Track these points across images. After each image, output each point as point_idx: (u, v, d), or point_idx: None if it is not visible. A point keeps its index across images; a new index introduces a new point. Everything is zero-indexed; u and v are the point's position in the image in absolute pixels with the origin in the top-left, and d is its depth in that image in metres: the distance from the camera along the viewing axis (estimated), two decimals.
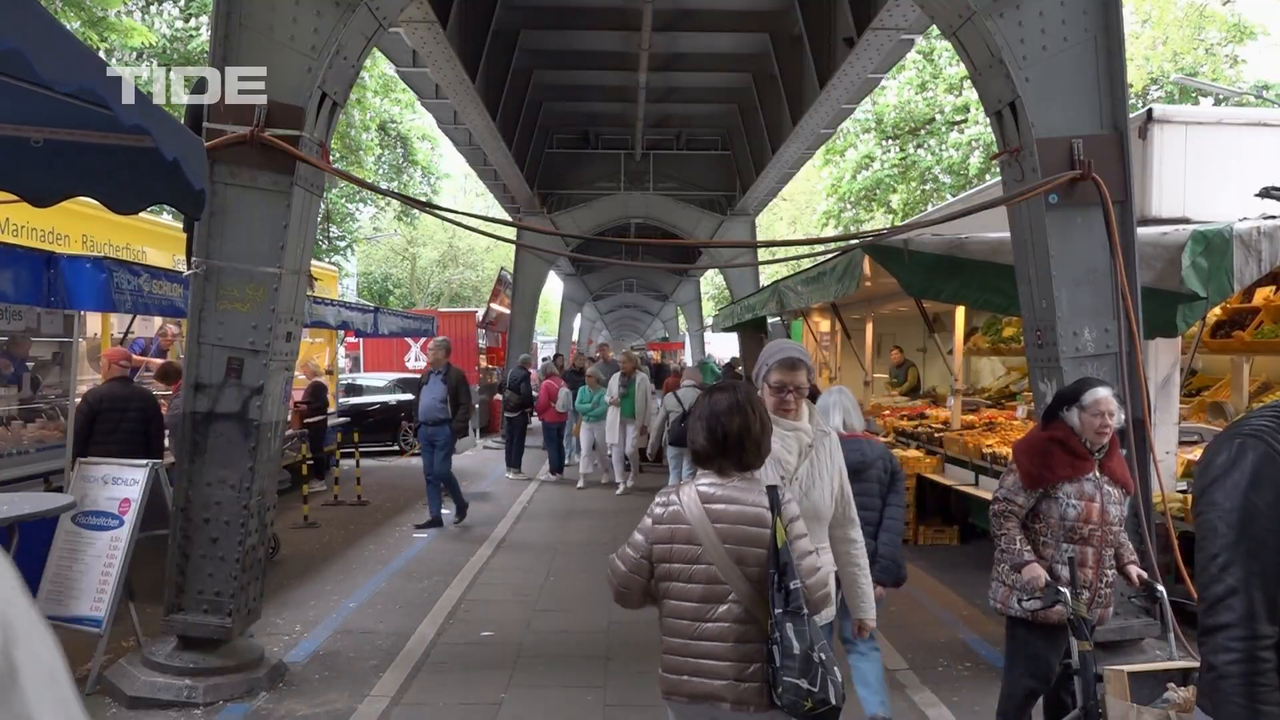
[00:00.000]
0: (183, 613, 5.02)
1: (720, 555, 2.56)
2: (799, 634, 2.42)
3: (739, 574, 2.55)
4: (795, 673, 2.40)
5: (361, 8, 5.08)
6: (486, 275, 44.26)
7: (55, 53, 2.40)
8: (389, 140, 28.70)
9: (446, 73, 12.99)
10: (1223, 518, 1.75)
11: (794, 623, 2.43)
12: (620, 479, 12.42)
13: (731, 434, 2.64)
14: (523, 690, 5.12)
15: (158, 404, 7.21)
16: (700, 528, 2.58)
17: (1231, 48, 24.96)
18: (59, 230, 8.50)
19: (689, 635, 2.61)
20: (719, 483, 2.65)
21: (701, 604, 2.59)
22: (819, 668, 2.41)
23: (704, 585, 2.59)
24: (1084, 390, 3.63)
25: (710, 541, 2.57)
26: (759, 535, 2.54)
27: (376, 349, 20.60)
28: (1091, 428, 3.58)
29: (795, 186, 35.58)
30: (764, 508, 2.56)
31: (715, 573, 2.57)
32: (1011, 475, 3.73)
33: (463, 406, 9.92)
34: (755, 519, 2.56)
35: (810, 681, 2.40)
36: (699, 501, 2.62)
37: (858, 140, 29.76)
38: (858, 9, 11.93)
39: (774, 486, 2.60)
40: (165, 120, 3.19)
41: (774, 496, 2.56)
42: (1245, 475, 1.74)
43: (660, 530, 2.66)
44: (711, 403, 2.71)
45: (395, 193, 24.91)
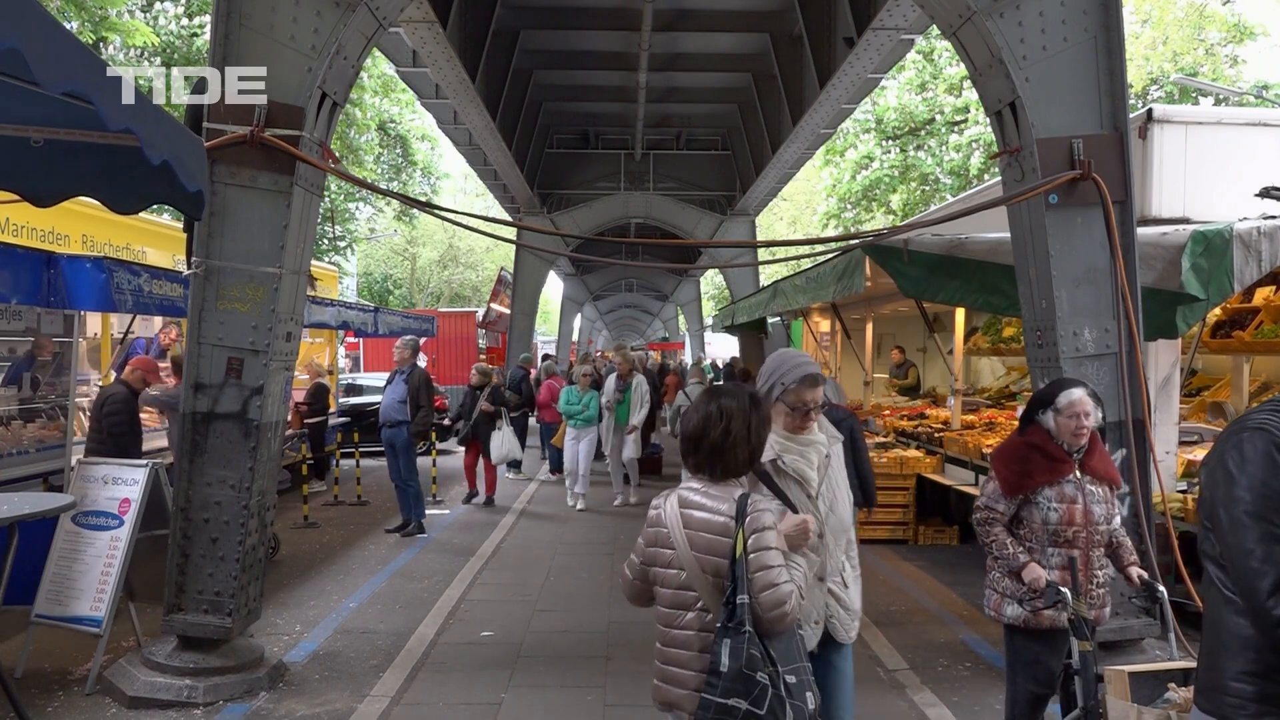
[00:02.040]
0: (183, 613, 5.01)
1: (689, 561, 2.52)
2: (733, 651, 2.33)
3: (707, 582, 2.50)
4: (718, 691, 2.32)
5: (361, 8, 5.08)
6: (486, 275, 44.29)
7: (52, 53, 2.40)
8: (389, 140, 28.70)
9: (446, 73, 13.00)
10: (1249, 512, 1.76)
11: (731, 639, 2.35)
12: (619, 490, 11.40)
13: (711, 441, 2.59)
14: (523, 690, 5.12)
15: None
16: (674, 532, 2.56)
17: (1231, 48, 24.97)
18: (59, 230, 8.50)
19: (662, 641, 2.60)
20: (698, 488, 2.62)
21: (671, 610, 2.57)
22: (766, 689, 2.31)
23: (673, 591, 2.57)
24: (1058, 392, 3.61)
25: (681, 547, 2.54)
26: (722, 545, 2.48)
27: (376, 349, 20.59)
28: (1068, 430, 3.57)
29: (795, 187, 35.60)
30: (729, 517, 2.49)
31: (685, 578, 2.54)
32: (991, 483, 3.72)
33: (423, 409, 9.48)
34: (721, 528, 2.50)
35: (750, 702, 2.30)
36: (678, 506, 2.61)
37: (858, 140, 29.76)
38: (858, 9, 11.94)
39: (745, 495, 2.54)
40: (160, 121, 3.17)
41: (741, 506, 2.50)
42: (1259, 466, 1.78)
43: (648, 533, 2.68)
44: (698, 406, 2.68)
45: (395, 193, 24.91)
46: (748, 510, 2.48)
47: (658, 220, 22.13)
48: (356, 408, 15.13)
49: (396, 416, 9.41)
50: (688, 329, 43.13)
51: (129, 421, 6.89)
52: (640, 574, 2.70)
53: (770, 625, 2.41)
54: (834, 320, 12.84)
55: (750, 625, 2.37)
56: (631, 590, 2.76)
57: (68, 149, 4.04)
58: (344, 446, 12.29)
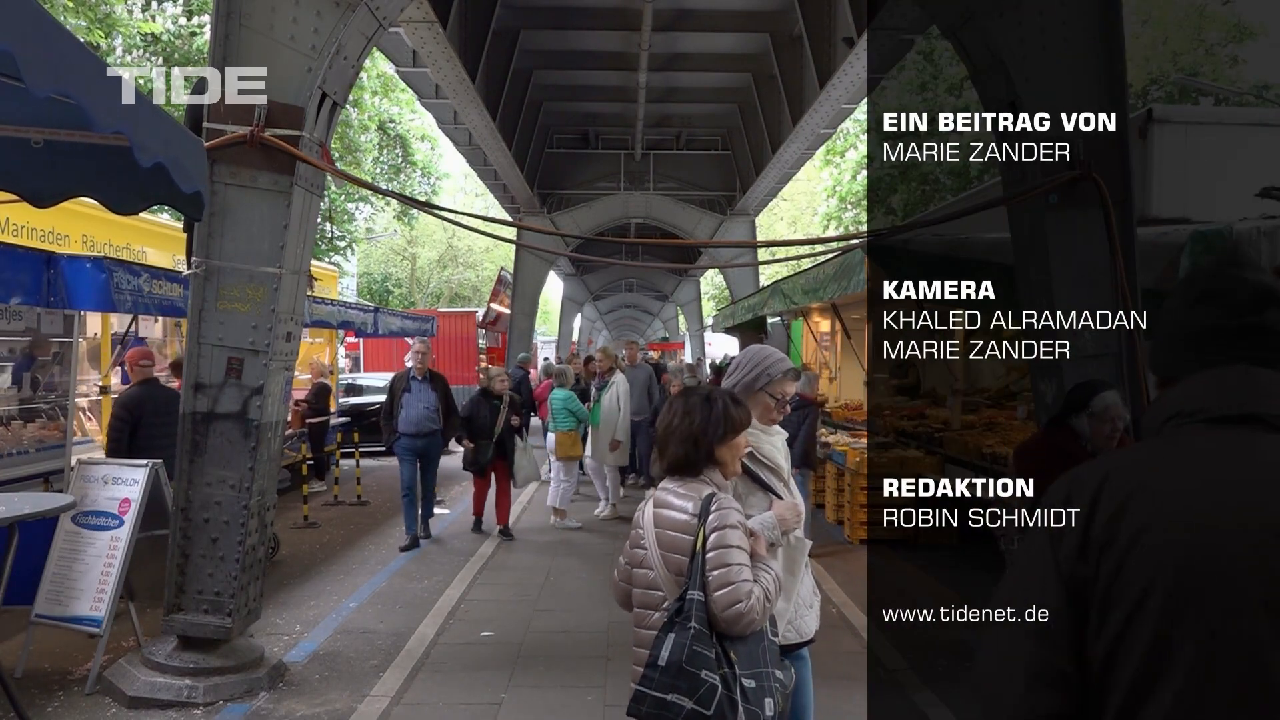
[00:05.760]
0: (183, 613, 5.01)
1: (657, 560, 2.54)
2: (675, 645, 2.32)
3: (671, 580, 2.51)
4: (653, 684, 2.30)
5: (361, 8, 5.08)
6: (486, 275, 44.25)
7: (43, 54, 2.38)
8: (388, 140, 28.68)
9: (446, 73, 13.01)
10: None
11: (676, 633, 2.34)
12: (602, 495, 10.38)
13: (660, 435, 2.69)
14: (523, 690, 5.12)
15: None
16: (647, 531, 2.59)
17: (1231, 48, 24.96)
18: (59, 230, 8.50)
19: (634, 641, 2.59)
20: (670, 487, 2.65)
21: (641, 609, 2.58)
22: (714, 689, 2.27)
23: (643, 590, 2.58)
24: (1091, 396, 3.60)
25: (651, 546, 2.56)
26: (684, 542, 2.50)
27: (376, 349, 20.59)
28: (1102, 434, 3.57)
29: (795, 187, 35.56)
30: (693, 515, 2.51)
31: (653, 577, 2.55)
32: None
33: (454, 416, 8.88)
34: (683, 526, 2.52)
35: (696, 701, 2.26)
36: (651, 505, 2.64)
37: (858, 140, 29.76)
38: (858, 9, 11.94)
39: (712, 494, 2.56)
40: (157, 122, 3.16)
41: (706, 504, 2.52)
42: None
43: (632, 535, 2.70)
44: (665, 410, 2.77)
45: (395, 193, 24.93)
46: (711, 509, 2.50)
47: (658, 220, 22.13)
48: (356, 408, 15.13)
49: (431, 426, 8.67)
50: (688, 329, 43.12)
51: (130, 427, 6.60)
52: (625, 576, 2.72)
53: (726, 625, 2.39)
54: (834, 320, 12.85)
55: (698, 622, 2.35)
56: (619, 593, 2.77)
57: (68, 149, 4.04)
58: (344, 446, 12.28)
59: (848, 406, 12.82)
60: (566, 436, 9.75)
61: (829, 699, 4.51)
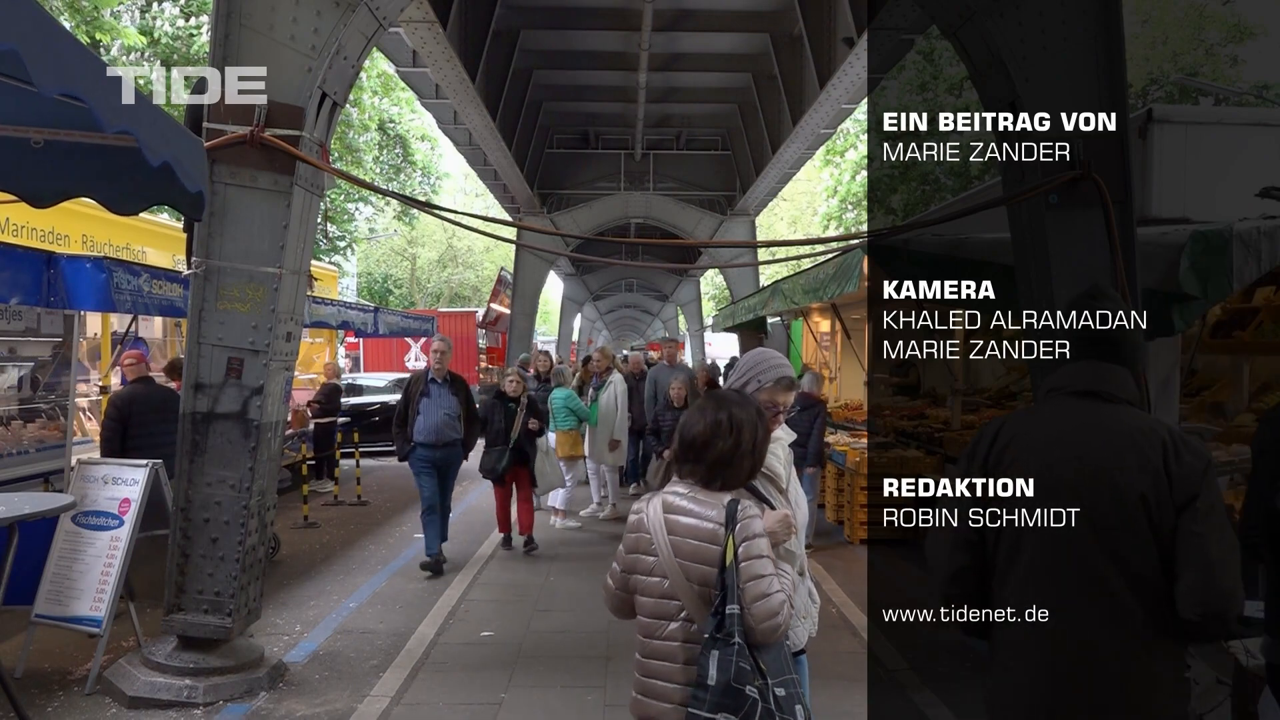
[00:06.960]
0: (183, 613, 5.01)
1: (673, 568, 2.41)
2: (722, 664, 2.25)
3: (691, 591, 2.39)
4: (706, 706, 2.24)
5: (361, 8, 5.08)
6: (486, 275, 44.26)
7: (49, 54, 2.39)
8: (388, 140, 28.69)
9: (446, 73, 13.01)
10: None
11: (720, 650, 2.27)
12: (595, 496, 10.27)
13: (720, 452, 2.49)
14: (523, 690, 5.12)
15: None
16: (657, 537, 2.45)
17: (1231, 48, 24.96)
18: (59, 230, 8.50)
19: (642, 653, 2.49)
20: (684, 492, 2.51)
21: (652, 620, 2.46)
22: (755, 703, 2.24)
23: (655, 600, 2.46)
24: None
25: (664, 553, 2.43)
26: (709, 552, 2.38)
27: (376, 349, 20.63)
28: None
29: (795, 187, 35.56)
30: (719, 524, 2.40)
31: (668, 586, 2.43)
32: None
33: (475, 423, 8.00)
34: (709, 535, 2.40)
35: (740, 717, 2.23)
36: (661, 510, 2.49)
37: (858, 140, 29.78)
38: (858, 9, 11.94)
39: (735, 500, 2.45)
40: (159, 122, 3.17)
41: (731, 511, 2.41)
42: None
43: (629, 540, 2.55)
44: (704, 412, 2.56)
45: (395, 193, 24.95)
46: (738, 516, 2.40)
47: (658, 220, 22.13)
48: (357, 408, 15.13)
49: (452, 435, 7.66)
50: (688, 329, 43.10)
51: (121, 426, 6.59)
52: (622, 583, 2.57)
53: (763, 637, 2.34)
54: (834, 320, 12.85)
55: (740, 637, 2.29)
56: (613, 601, 2.61)
57: (68, 149, 4.04)
58: (344, 446, 12.27)
59: (848, 406, 12.83)
60: (567, 436, 9.70)
61: (829, 699, 4.51)
